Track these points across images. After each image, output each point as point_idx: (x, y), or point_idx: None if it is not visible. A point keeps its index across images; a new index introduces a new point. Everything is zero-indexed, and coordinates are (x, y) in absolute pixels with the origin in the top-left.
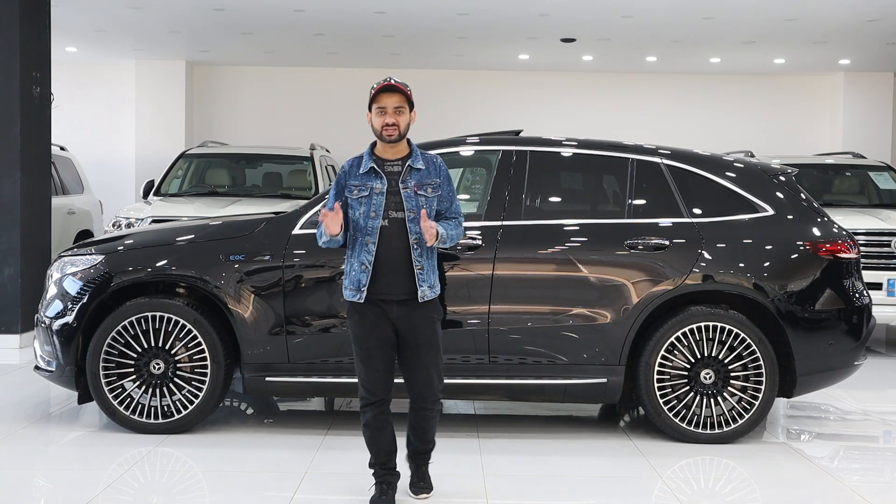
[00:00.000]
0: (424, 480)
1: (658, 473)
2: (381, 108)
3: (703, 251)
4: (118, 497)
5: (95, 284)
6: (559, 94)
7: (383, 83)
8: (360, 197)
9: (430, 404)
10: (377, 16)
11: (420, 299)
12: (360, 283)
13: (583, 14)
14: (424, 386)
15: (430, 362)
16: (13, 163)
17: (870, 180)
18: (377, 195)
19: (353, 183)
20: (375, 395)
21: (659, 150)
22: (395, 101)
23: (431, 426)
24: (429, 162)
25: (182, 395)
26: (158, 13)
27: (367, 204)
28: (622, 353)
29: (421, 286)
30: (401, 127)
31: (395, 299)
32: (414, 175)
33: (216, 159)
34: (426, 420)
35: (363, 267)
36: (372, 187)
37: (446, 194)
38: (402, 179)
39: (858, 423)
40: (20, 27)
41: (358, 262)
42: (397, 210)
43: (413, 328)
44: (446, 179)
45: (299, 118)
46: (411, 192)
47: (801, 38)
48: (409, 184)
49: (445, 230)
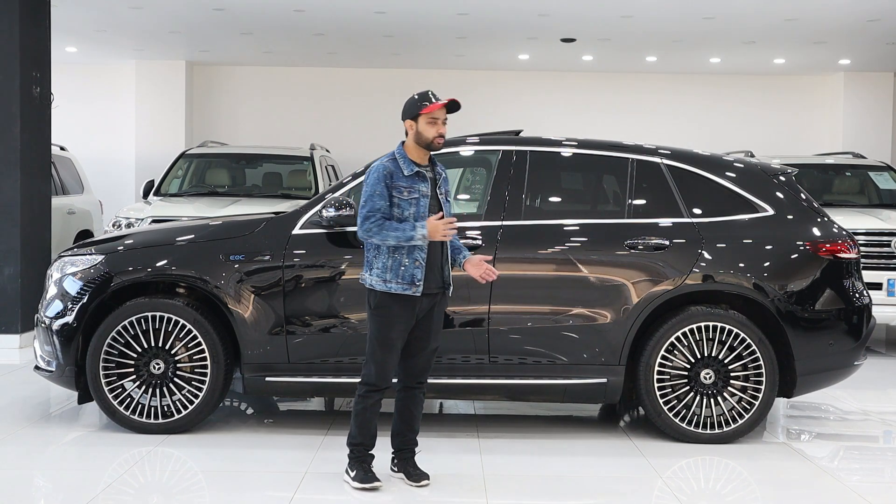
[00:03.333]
0: (417, 469)
1: (658, 473)
2: (434, 118)
3: (703, 251)
4: (118, 497)
5: (95, 284)
6: (559, 94)
7: (448, 100)
8: (411, 198)
9: (420, 383)
10: (377, 16)
11: (449, 293)
12: (416, 278)
13: (583, 14)
14: (424, 367)
15: (435, 349)
16: (13, 163)
17: (870, 180)
18: (423, 198)
19: (402, 184)
20: (386, 381)
21: (659, 150)
22: (445, 115)
23: (419, 410)
24: (443, 170)
25: (182, 395)
26: (158, 13)
27: (416, 206)
28: (622, 353)
29: (447, 279)
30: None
31: (430, 293)
32: (444, 183)
33: (216, 159)
34: (414, 401)
35: (417, 263)
36: (420, 190)
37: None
38: (439, 186)
39: (858, 423)
40: (20, 27)
41: (411, 259)
42: (433, 213)
43: (433, 318)
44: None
45: (299, 118)
46: (444, 197)
47: (801, 38)
48: (442, 189)
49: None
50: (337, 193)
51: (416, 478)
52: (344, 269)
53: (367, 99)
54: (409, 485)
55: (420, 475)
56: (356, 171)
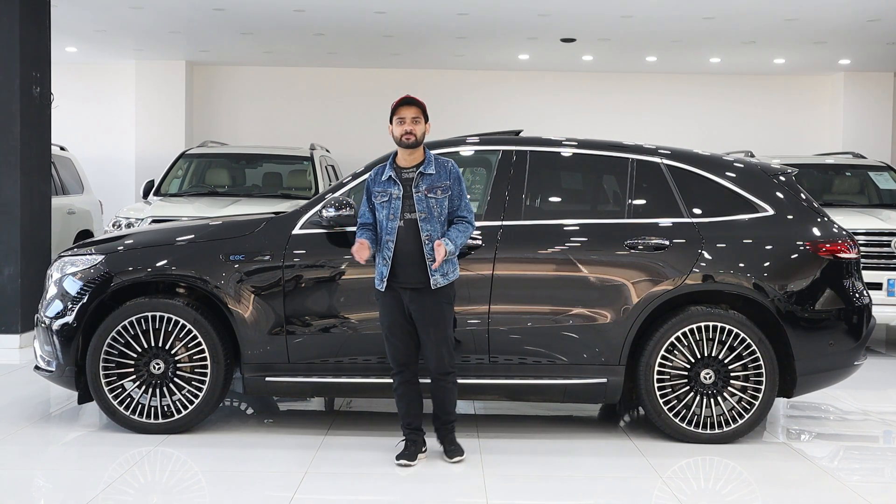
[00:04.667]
0: (454, 445)
1: (658, 473)
2: (400, 118)
3: (703, 251)
4: (118, 497)
5: (95, 284)
6: (559, 94)
7: (402, 98)
8: (381, 202)
9: (443, 376)
10: (377, 16)
11: (433, 286)
12: (382, 275)
13: (583, 14)
14: (436, 360)
15: (439, 340)
16: (13, 163)
17: (870, 180)
18: (395, 200)
19: (377, 189)
20: (397, 363)
21: (659, 150)
22: (412, 113)
23: (449, 398)
24: (440, 166)
25: (182, 395)
26: (158, 13)
27: (388, 208)
28: (622, 353)
29: (433, 276)
30: (417, 135)
31: (410, 287)
32: (425, 180)
33: (216, 159)
34: (442, 391)
35: (384, 261)
36: (391, 193)
37: (456, 193)
38: (415, 185)
39: (858, 423)
40: (20, 27)
41: (381, 257)
42: (411, 212)
43: (423, 311)
44: (456, 181)
45: (299, 118)
46: (422, 195)
47: (801, 38)
48: (420, 188)
49: (454, 241)
50: (337, 193)
51: (450, 454)
52: (344, 269)
53: (367, 99)
54: (445, 460)
55: (453, 451)
56: (356, 171)
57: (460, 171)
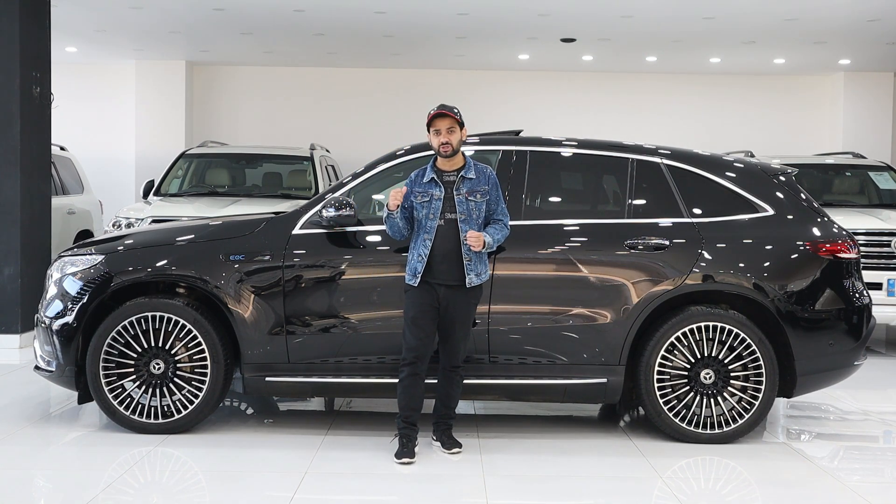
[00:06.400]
0: (452, 439)
1: (658, 473)
2: (436, 130)
3: (703, 251)
4: (118, 497)
5: (95, 284)
6: (559, 94)
7: (436, 111)
8: (422, 202)
9: (453, 368)
10: (377, 16)
11: (468, 285)
12: (416, 271)
13: (583, 14)
14: (452, 354)
15: (461, 337)
16: (13, 163)
17: (870, 180)
18: (436, 201)
19: (418, 190)
20: (413, 354)
21: (659, 150)
22: (447, 124)
23: (455, 391)
24: (479, 172)
25: (182, 395)
26: (158, 13)
27: (428, 207)
28: (622, 353)
29: (469, 274)
30: (453, 144)
31: (446, 284)
32: (466, 184)
33: (216, 159)
34: (451, 382)
35: (420, 258)
36: (432, 194)
37: (494, 198)
38: (456, 187)
39: (858, 423)
40: (20, 27)
41: (416, 254)
42: (451, 212)
43: (454, 309)
44: (494, 186)
45: (299, 118)
46: (463, 198)
47: (801, 38)
48: (461, 191)
49: (492, 236)
50: (337, 193)
51: (449, 446)
52: (344, 269)
53: (367, 99)
54: (443, 452)
55: (452, 444)
56: (356, 171)
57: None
